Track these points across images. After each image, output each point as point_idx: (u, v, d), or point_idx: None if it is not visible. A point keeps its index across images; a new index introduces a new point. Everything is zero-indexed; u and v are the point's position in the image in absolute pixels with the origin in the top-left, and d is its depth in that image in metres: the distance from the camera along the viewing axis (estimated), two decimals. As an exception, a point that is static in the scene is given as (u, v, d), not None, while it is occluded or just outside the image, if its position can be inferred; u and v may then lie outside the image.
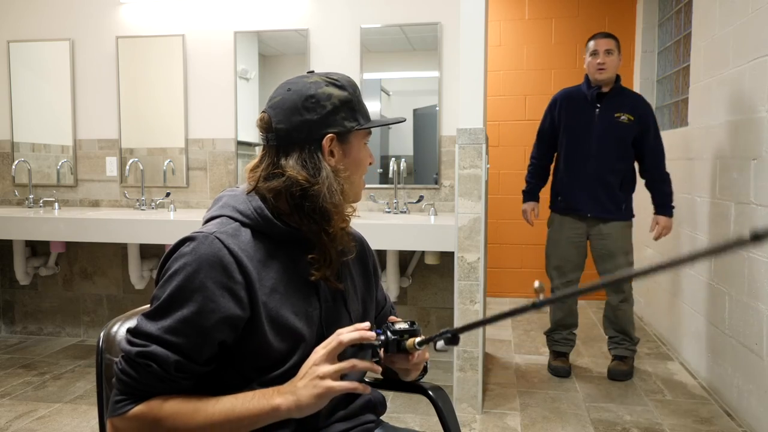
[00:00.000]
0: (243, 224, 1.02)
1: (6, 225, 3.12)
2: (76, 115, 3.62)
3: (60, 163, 3.66)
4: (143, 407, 0.92)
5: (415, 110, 3.32)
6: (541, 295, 0.77)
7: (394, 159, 3.29)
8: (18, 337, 3.73)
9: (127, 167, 3.53)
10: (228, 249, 0.96)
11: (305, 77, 1.07)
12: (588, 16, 4.60)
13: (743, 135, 2.57)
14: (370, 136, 1.13)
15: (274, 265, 1.02)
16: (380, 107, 3.34)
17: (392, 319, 1.20)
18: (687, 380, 3.02)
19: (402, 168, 3.29)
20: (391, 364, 1.09)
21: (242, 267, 0.96)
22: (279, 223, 1.03)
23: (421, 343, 1.00)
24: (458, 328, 0.94)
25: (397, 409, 2.63)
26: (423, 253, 3.20)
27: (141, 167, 3.52)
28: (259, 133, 1.07)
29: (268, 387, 0.96)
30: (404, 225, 2.78)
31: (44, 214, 3.29)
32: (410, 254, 3.27)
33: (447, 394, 1.27)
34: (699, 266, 3.07)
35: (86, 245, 3.64)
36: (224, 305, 0.94)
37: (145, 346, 0.92)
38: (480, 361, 2.60)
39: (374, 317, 1.22)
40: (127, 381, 0.92)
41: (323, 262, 1.05)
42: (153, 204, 3.50)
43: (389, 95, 3.37)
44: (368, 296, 1.19)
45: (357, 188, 1.11)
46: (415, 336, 1.01)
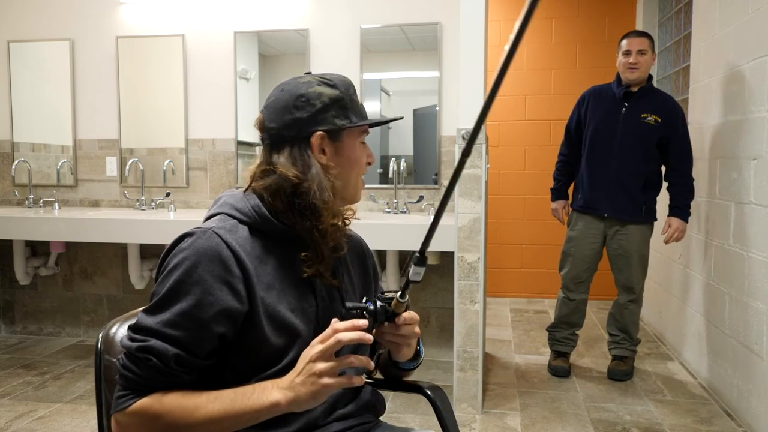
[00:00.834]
0: (240, 221, 1.03)
1: (6, 225, 3.12)
2: (76, 115, 3.62)
3: (60, 163, 3.66)
4: (145, 402, 0.93)
5: (415, 110, 3.32)
6: None
7: (394, 159, 3.29)
8: (18, 337, 3.73)
9: (127, 167, 3.53)
10: (226, 243, 0.97)
11: (299, 78, 1.08)
12: (588, 16, 4.60)
13: (743, 135, 2.57)
14: (367, 135, 1.13)
15: (271, 262, 1.03)
16: (380, 107, 3.34)
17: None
18: (687, 380, 3.02)
19: (402, 168, 3.29)
20: (383, 340, 1.09)
21: (240, 261, 0.97)
22: (276, 221, 1.04)
23: (403, 294, 1.00)
24: (420, 249, 0.92)
25: (397, 409, 2.63)
26: (423, 253, 3.20)
27: (141, 167, 3.52)
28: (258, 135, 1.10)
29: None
30: (404, 225, 2.78)
31: (44, 214, 3.29)
32: (410, 254, 3.26)
33: (445, 394, 1.28)
34: (699, 266, 3.07)
35: (86, 245, 3.64)
36: (222, 298, 0.95)
37: (145, 341, 0.93)
38: (480, 361, 2.60)
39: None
40: (129, 376, 0.93)
41: (315, 259, 1.05)
42: (153, 204, 3.50)
43: (389, 95, 3.37)
44: (367, 296, 1.19)
45: (354, 188, 1.11)
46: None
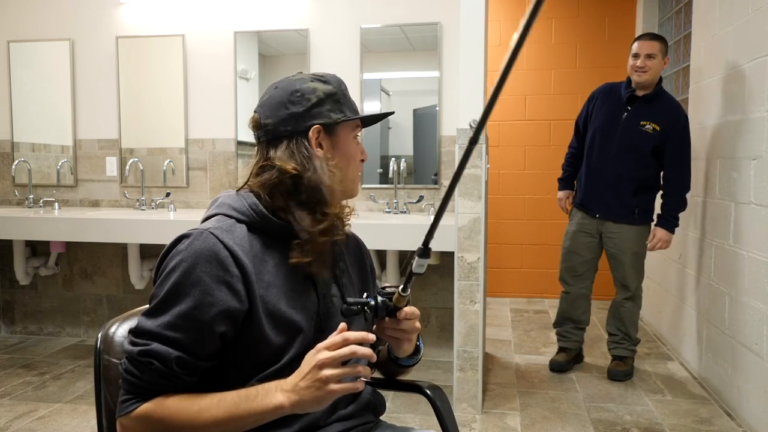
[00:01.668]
0: (238, 221, 1.03)
1: (6, 225, 3.12)
2: (76, 115, 3.62)
3: (60, 163, 3.66)
4: (148, 406, 0.93)
5: (415, 110, 3.32)
6: None
7: (394, 159, 3.29)
8: (18, 337, 3.73)
9: (127, 167, 3.53)
10: (223, 243, 0.97)
11: (292, 76, 1.09)
12: (588, 16, 4.60)
13: (743, 135, 2.57)
14: (360, 131, 1.13)
15: (271, 260, 1.03)
16: (380, 107, 3.34)
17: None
18: (687, 380, 3.02)
19: (402, 168, 3.29)
20: (384, 335, 1.09)
21: (238, 261, 0.97)
22: (274, 218, 1.04)
23: (405, 288, 1.00)
24: (424, 240, 0.91)
25: (397, 409, 2.63)
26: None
27: (141, 167, 3.52)
28: (252, 134, 1.09)
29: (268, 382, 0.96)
30: (404, 225, 2.78)
31: (44, 214, 3.29)
32: (410, 254, 3.27)
33: (444, 394, 1.28)
34: (699, 266, 3.07)
35: (86, 245, 3.64)
36: (222, 298, 0.95)
37: (146, 345, 0.93)
38: (480, 361, 2.60)
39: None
40: (132, 380, 0.94)
41: (309, 251, 1.03)
42: (153, 204, 3.50)
43: (389, 95, 3.37)
44: (366, 293, 1.19)
45: (351, 182, 1.11)
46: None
